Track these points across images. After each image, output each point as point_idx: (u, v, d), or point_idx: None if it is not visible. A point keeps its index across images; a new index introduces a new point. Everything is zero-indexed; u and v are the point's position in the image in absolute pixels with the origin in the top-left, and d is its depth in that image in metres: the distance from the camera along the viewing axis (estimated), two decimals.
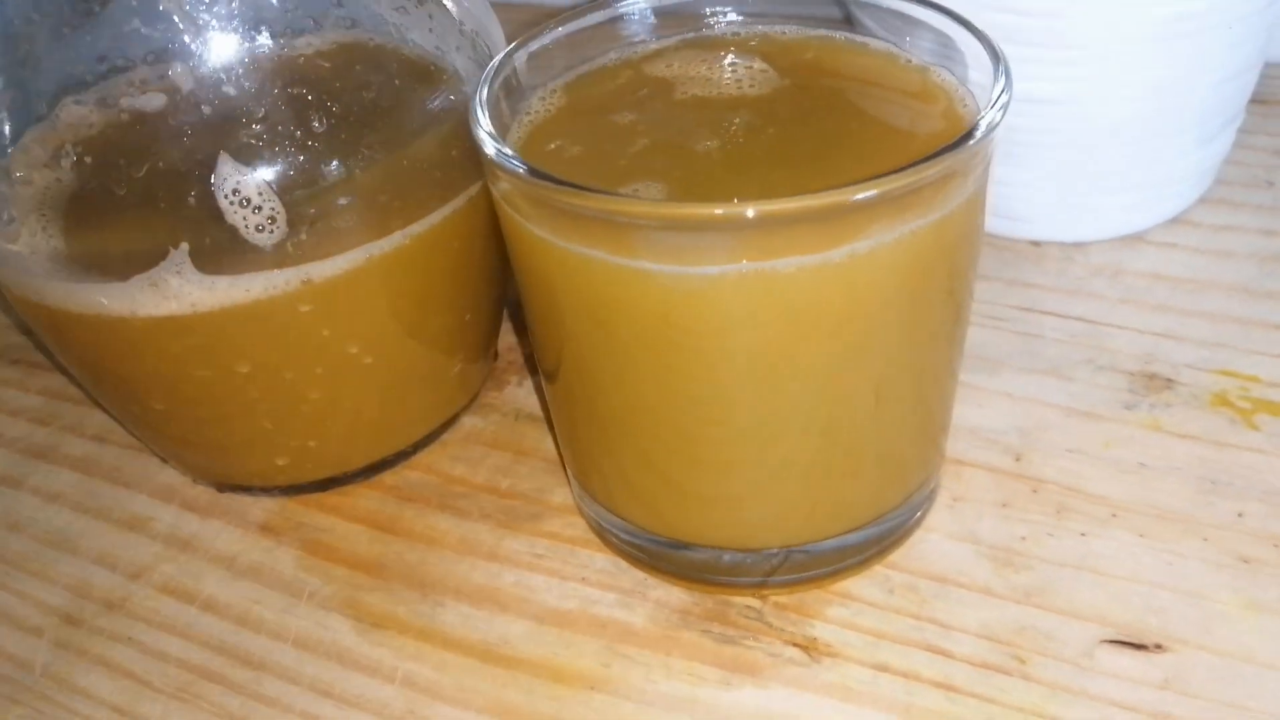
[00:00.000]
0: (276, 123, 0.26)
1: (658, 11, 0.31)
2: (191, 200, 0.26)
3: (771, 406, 0.26)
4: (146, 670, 0.29)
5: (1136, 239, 0.39)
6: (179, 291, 0.26)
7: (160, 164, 0.25)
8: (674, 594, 0.30)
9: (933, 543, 0.30)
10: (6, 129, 0.27)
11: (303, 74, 0.27)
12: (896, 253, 0.25)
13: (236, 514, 0.33)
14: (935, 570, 0.29)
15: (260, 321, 0.27)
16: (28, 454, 0.37)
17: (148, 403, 0.30)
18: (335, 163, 0.27)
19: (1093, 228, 0.39)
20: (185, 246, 0.26)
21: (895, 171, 0.23)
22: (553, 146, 0.28)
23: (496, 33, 0.33)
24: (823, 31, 0.31)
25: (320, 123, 0.26)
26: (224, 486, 0.34)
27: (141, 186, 0.26)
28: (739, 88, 0.29)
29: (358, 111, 0.27)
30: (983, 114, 0.25)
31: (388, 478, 0.34)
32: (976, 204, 0.26)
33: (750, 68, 0.30)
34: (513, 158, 0.24)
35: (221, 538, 0.33)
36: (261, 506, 0.33)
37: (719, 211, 0.22)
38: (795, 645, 0.28)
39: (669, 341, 0.25)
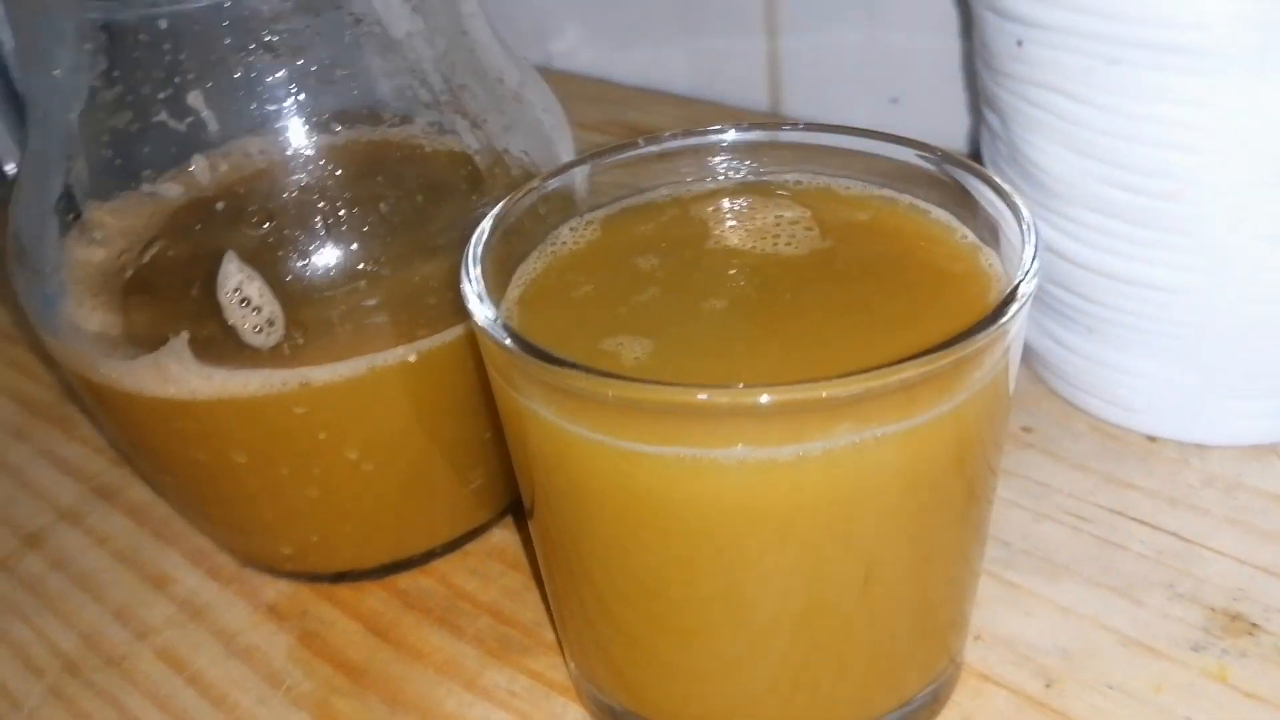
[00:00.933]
0: (286, 226, 0.27)
1: (728, 147, 0.30)
2: (194, 292, 0.26)
3: (751, 596, 0.24)
4: None
5: (1266, 450, 0.35)
6: (178, 377, 0.27)
7: (170, 252, 0.26)
8: None
9: None
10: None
11: (328, 177, 0.27)
12: (899, 445, 0.22)
13: (252, 590, 0.34)
14: None
15: (255, 417, 0.28)
16: (95, 493, 0.39)
17: (162, 474, 0.31)
18: (340, 272, 0.27)
19: (1215, 431, 0.35)
20: (185, 335, 0.27)
21: (878, 368, 0.21)
22: (567, 281, 0.27)
23: (565, 144, 0.33)
24: (888, 192, 0.29)
25: (331, 231, 0.27)
26: (245, 561, 0.34)
27: (149, 271, 0.27)
28: (774, 243, 0.28)
29: (374, 223, 0.27)
30: (994, 311, 0.22)
31: (401, 579, 0.34)
32: (996, 391, 0.24)
33: (795, 223, 0.28)
34: (494, 321, 0.23)
35: (230, 613, 0.33)
36: (276, 588, 0.34)
37: (670, 394, 0.21)
38: None
39: (639, 520, 0.24)
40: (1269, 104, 0.28)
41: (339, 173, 0.27)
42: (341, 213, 0.27)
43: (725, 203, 0.29)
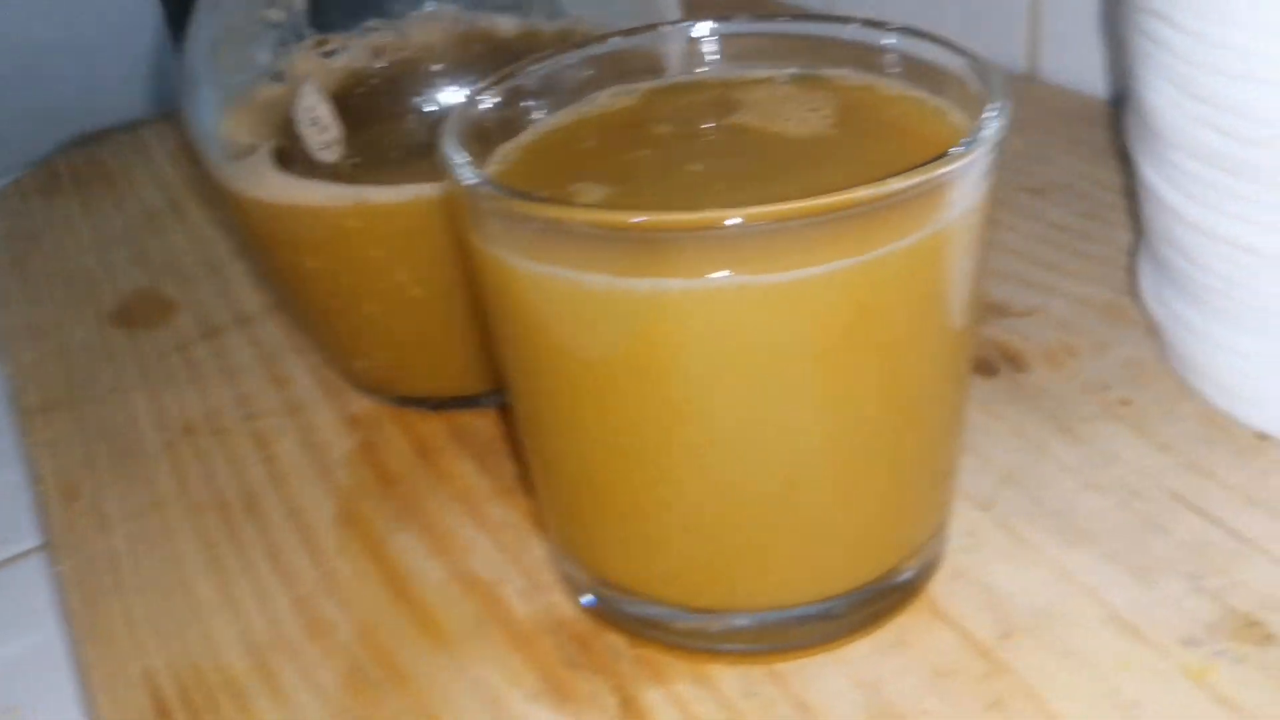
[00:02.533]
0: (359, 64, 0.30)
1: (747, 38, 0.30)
2: (281, 111, 0.30)
3: (713, 438, 0.24)
4: None
5: None
6: (263, 180, 0.31)
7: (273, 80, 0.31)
8: (581, 620, 0.29)
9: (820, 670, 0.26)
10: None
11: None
12: (854, 278, 0.23)
13: (343, 402, 0.38)
14: (814, 699, 0.26)
15: (320, 224, 0.31)
16: (273, 306, 0.45)
17: (272, 276, 0.36)
18: (395, 107, 0.30)
19: None
20: (270, 144, 0.31)
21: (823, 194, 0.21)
22: (557, 147, 0.28)
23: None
24: (871, 76, 0.28)
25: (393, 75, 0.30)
26: (342, 376, 0.39)
27: (260, 91, 0.31)
28: (782, 123, 0.27)
29: (431, 74, 0.30)
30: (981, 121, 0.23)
31: (461, 415, 0.36)
32: (958, 238, 0.24)
33: (811, 108, 0.28)
34: (462, 165, 0.24)
35: (319, 415, 0.37)
36: (361, 404, 0.38)
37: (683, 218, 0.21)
38: (617, 698, 0.26)
39: (592, 364, 0.24)
40: None
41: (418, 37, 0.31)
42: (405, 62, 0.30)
43: (734, 90, 0.29)
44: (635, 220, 0.22)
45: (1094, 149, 0.47)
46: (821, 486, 0.25)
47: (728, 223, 0.21)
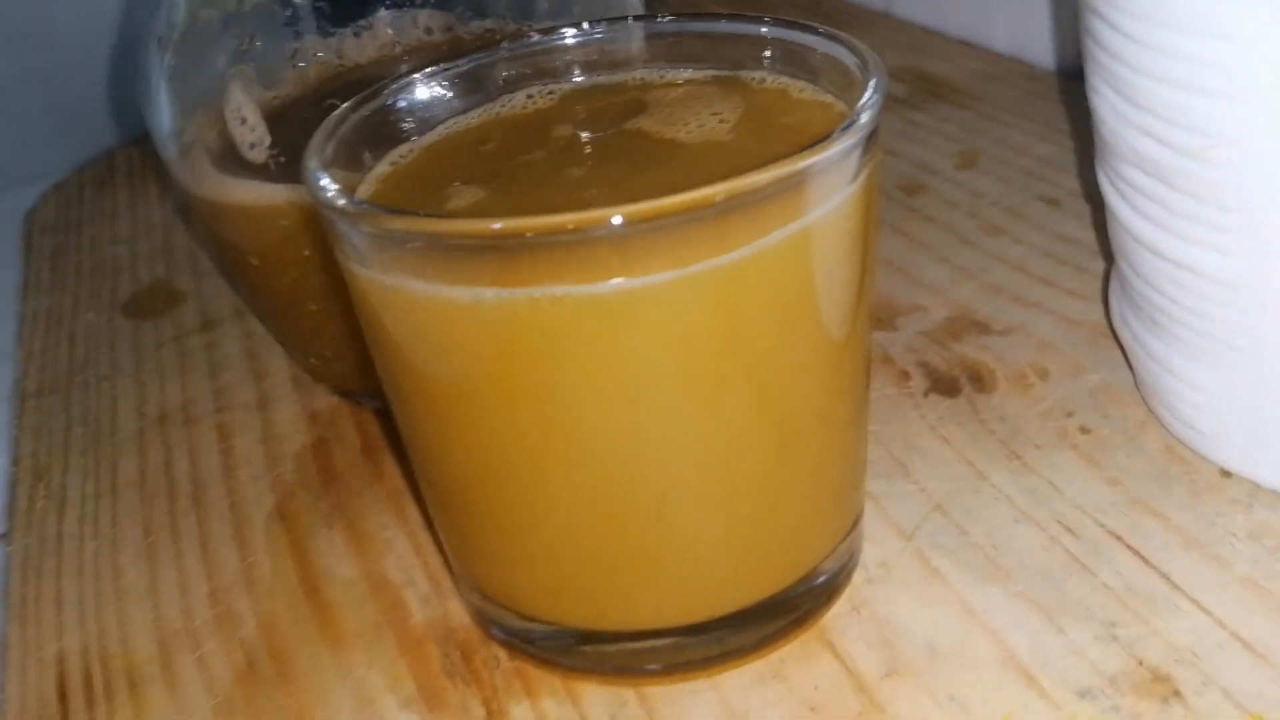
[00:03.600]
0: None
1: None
2: (215, 109, 0.31)
3: (579, 450, 0.24)
4: None
5: None
6: (202, 177, 0.32)
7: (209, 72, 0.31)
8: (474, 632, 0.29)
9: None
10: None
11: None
12: (720, 280, 0.22)
13: (309, 398, 0.38)
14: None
15: (256, 223, 0.32)
16: None
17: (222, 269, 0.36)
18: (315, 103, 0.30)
19: None
20: (206, 141, 0.31)
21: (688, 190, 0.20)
22: (438, 161, 0.27)
23: None
24: (786, 79, 0.27)
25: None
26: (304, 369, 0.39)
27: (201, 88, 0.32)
28: (675, 131, 0.26)
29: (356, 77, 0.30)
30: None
31: None
32: (832, 234, 0.23)
33: (711, 113, 0.27)
34: (326, 188, 0.23)
35: (284, 409, 0.38)
36: (328, 401, 0.38)
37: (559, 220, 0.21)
38: (485, 710, 0.26)
39: (459, 375, 0.24)
40: None
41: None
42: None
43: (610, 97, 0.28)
44: (450, 227, 0.21)
45: None
46: (693, 504, 0.24)
47: (584, 226, 0.20)
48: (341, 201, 0.23)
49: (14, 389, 0.43)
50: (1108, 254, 0.39)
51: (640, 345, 0.22)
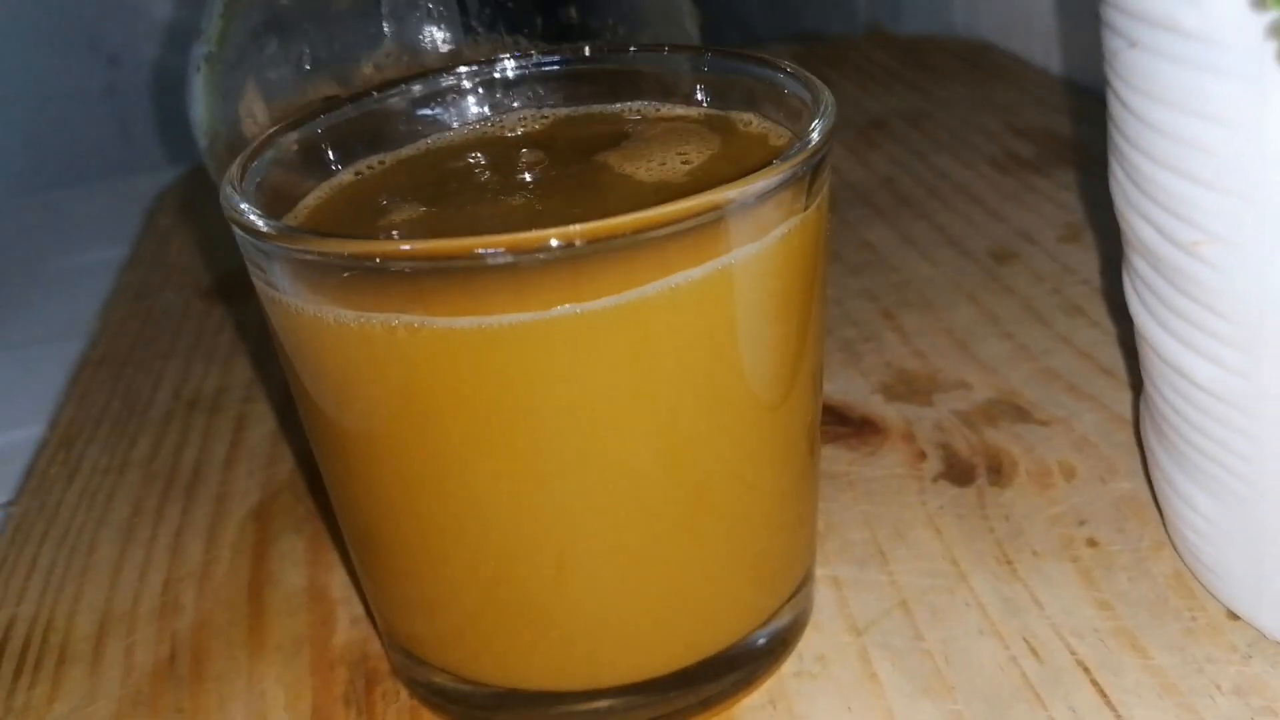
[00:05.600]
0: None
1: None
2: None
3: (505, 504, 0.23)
4: None
5: None
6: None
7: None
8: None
9: None
10: None
11: None
12: (664, 305, 0.21)
13: None
14: None
15: None
16: None
17: None
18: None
19: None
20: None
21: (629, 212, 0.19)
22: (372, 195, 0.26)
23: None
24: (769, 123, 0.25)
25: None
26: None
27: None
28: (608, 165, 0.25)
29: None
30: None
31: None
32: (785, 259, 0.21)
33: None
34: (246, 211, 0.22)
35: None
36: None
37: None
38: None
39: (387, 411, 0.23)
40: None
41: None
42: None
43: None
44: (348, 249, 0.21)
45: None
46: (592, 566, 0.23)
47: (496, 248, 0.19)
48: (246, 216, 0.22)
49: (79, 358, 0.45)
50: None
51: (537, 385, 0.21)
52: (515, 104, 0.28)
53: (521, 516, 0.22)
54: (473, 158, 0.27)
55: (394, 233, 0.23)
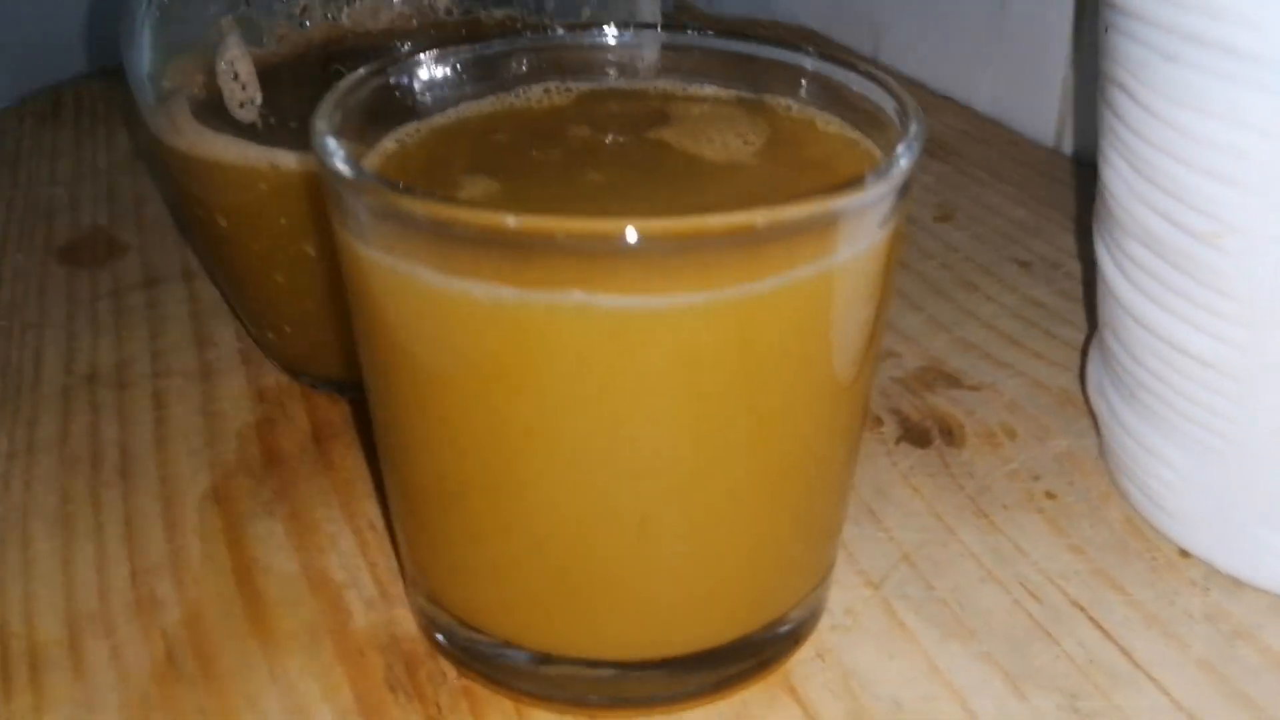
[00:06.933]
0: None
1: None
2: (203, 59, 0.29)
3: (580, 470, 0.23)
4: None
5: None
6: (180, 127, 0.30)
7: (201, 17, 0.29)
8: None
9: None
10: None
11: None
12: (739, 309, 0.21)
13: (258, 373, 0.37)
14: None
15: (233, 183, 0.30)
16: None
17: (190, 232, 0.34)
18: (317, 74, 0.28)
19: (1255, 566, 0.28)
20: (188, 91, 0.30)
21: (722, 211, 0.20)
22: (454, 142, 0.26)
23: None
24: (813, 110, 0.27)
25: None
26: (257, 344, 0.38)
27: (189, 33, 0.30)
28: (699, 145, 0.26)
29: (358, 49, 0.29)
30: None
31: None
32: (854, 278, 0.22)
33: (734, 131, 0.26)
34: (326, 142, 0.22)
35: (229, 383, 0.36)
36: (276, 378, 0.36)
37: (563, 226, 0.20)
38: None
39: (463, 377, 0.22)
40: None
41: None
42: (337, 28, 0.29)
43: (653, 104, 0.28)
44: (474, 217, 0.20)
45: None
46: (673, 534, 0.23)
47: (597, 235, 0.19)
48: (353, 173, 0.21)
49: None
50: (1077, 321, 0.40)
51: (650, 363, 0.21)
52: (549, 79, 0.28)
53: (612, 482, 0.23)
54: (520, 127, 0.26)
55: (514, 214, 0.22)
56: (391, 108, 0.25)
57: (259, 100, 0.29)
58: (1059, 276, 0.42)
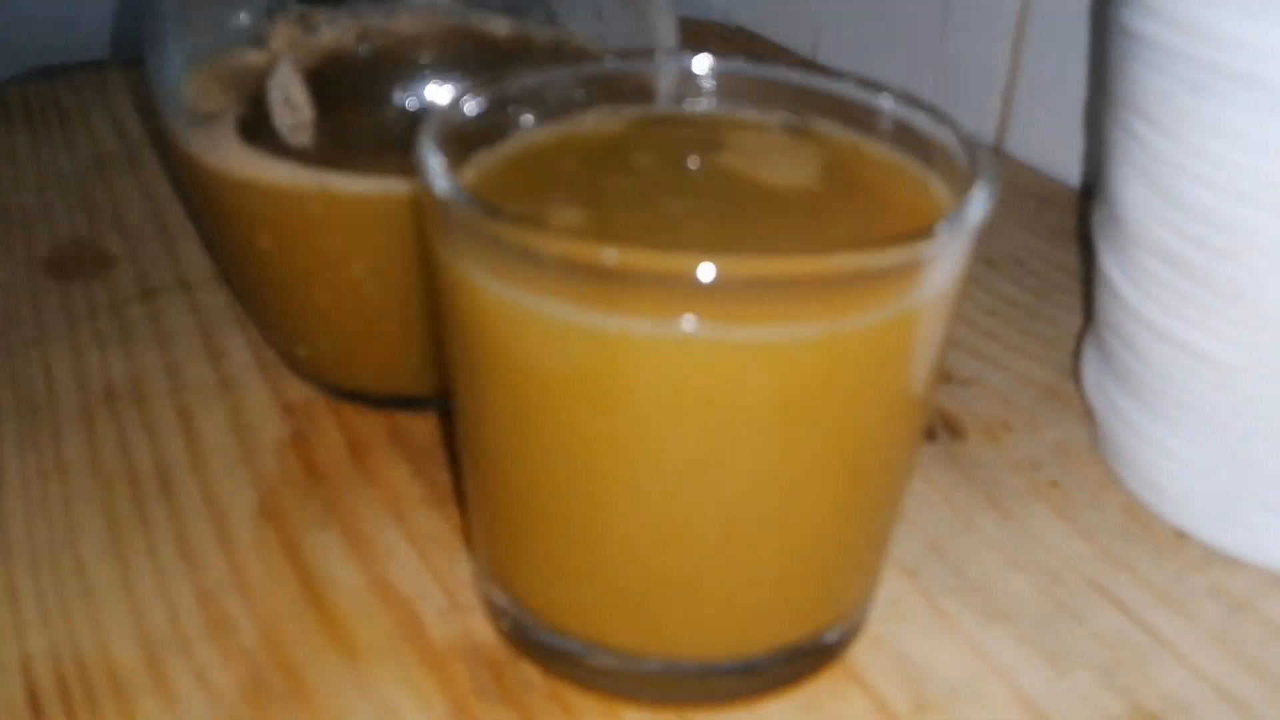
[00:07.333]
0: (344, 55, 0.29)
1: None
2: (251, 77, 0.29)
3: (661, 487, 0.24)
4: None
5: None
6: (225, 151, 0.30)
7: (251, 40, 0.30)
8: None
9: None
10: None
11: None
12: (820, 346, 0.22)
13: (280, 385, 0.37)
14: None
15: (279, 205, 0.30)
16: (220, 273, 0.43)
17: (218, 250, 0.34)
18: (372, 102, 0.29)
19: (1250, 545, 0.31)
20: (234, 113, 0.30)
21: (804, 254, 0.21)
22: (534, 165, 0.27)
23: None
24: (859, 136, 0.28)
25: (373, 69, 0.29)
26: (281, 358, 0.38)
27: (236, 56, 0.30)
28: (765, 171, 0.27)
29: (412, 74, 0.29)
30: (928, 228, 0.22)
31: (401, 417, 0.36)
32: (927, 313, 0.24)
33: (793, 157, 0.28)
34: (437, 172, 0.23)
35: (252, 396, 0.36)
36: (300, 389, 0.37)
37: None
38: None
39: (556, 398, 0.24)
40: None
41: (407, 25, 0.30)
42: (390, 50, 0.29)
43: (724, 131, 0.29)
44: (607, 258, 0.21)
45: (1051, 229, 0.48)
46: (757, 544, 0.25)
47: (700, 272, 0.21)
48: (472, 206, 0.22)
49: None
50: (1047, 316, 0.43)
51: (736, 392, 0.23)
52: (599, 102, 0.29)
53: (700, 500, 0.24)
54: (586, 154, 0.27)
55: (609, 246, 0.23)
56: (465, 135, 0.26)
57: (311, 124, 0.29)
58: (1024, 273, 0.45)
